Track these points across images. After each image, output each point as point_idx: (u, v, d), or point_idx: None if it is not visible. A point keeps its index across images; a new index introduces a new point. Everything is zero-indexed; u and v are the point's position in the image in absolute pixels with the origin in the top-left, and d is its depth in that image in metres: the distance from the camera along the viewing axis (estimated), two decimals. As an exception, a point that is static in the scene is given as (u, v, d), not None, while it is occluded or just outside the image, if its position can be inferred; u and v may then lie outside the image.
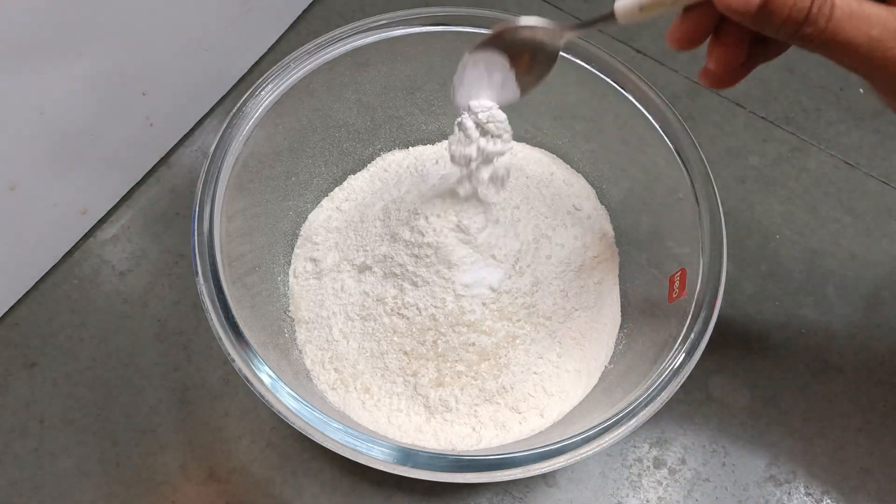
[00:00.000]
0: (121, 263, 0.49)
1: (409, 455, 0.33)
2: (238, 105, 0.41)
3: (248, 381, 0.34)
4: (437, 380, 0.41)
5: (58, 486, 0.43)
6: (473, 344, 0.41)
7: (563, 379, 0.42)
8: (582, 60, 0.44)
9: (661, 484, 0.44)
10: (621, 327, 0.45)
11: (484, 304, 0.41)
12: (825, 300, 0.51)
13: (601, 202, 0.49)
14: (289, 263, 0.47)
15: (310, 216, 0.49)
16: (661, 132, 0.42)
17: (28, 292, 0.48)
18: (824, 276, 0.51)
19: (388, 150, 0.51)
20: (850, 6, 0.26)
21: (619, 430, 0.34)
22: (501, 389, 0.41)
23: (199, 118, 0.55)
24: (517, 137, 0.51)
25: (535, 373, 0.42)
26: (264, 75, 0.42)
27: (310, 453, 0.44)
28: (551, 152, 0.50)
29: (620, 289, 0.46)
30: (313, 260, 0.46)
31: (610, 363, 0.44)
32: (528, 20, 0.34)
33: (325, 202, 0.49)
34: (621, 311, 0.46)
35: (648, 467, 0.45)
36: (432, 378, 0.41)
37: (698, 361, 0.35)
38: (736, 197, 0.54)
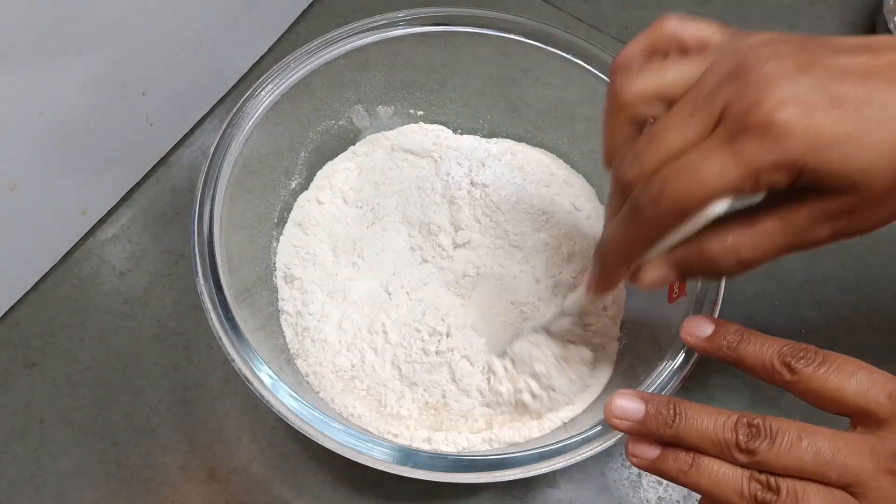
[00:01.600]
0: (121, 263, 0.49)
1: (409, 455, 0.33)
2: (238, 105, 0.41)
3: (248, 381, 0.34)
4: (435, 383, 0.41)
5: (58, 486, 0.43)
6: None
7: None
8: (582, 60, 0.44)
9: (661, 484, 0.44)
10: (621, 327, 0.45)
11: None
12: (825, 300, 0.51)
13: (601, 202, 0.49)
14: (289, 263, 0.47)
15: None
16: (662, 132, 0.41)
17: (28, 292, 0.48)
18: (824, 276, 0.51)
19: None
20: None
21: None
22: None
23: (199, 118, 0.55)
24: (517, 137, 0.51)
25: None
26: (264, 75, 0.42)
27: (310, 453, 0.44)
28: (551, 152, 0.50)
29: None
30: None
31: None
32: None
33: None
34: (621, 312, 0.46)
35: (648, 467, 0.45)
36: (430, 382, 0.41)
37: (698, 361, 0.35)
38: (736, 197, 0.54)
